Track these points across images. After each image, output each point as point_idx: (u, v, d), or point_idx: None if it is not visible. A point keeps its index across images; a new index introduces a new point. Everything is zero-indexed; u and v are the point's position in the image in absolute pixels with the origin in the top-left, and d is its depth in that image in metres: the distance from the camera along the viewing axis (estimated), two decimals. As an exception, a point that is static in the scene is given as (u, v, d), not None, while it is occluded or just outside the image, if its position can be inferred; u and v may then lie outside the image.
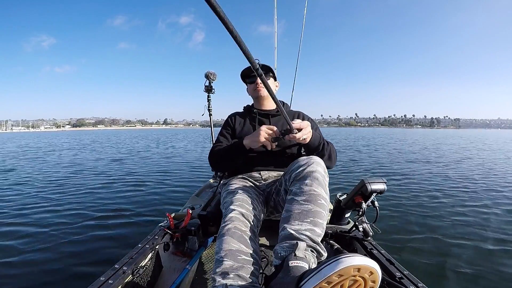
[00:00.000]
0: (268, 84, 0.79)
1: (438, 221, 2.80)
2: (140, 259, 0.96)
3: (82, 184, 4.48)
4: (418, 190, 4.16)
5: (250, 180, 1.24)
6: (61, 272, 1.79)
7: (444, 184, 4.65)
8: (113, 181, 4.66)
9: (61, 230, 2.46)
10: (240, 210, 0.94)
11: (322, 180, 0.92)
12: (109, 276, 0.82)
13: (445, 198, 3.72)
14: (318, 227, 0.82)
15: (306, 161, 0.97)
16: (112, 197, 3.61)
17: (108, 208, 3.09)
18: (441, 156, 9.27)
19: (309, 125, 1.08)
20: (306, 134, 1.05)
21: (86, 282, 0.80)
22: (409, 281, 0.86)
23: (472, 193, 3.99)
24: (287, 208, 0.89)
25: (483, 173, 5.78)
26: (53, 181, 4.77)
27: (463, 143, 16.68)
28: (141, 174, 5.38)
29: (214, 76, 2.28)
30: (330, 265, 0.58)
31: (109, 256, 1.98)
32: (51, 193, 3.85)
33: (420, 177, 5.23)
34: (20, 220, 2.72)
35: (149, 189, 4.04)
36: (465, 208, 3.24)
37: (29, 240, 2.25)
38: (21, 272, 1.79)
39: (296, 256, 0.73)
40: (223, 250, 0.80)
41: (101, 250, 2.08)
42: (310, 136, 1.09)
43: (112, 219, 2.72)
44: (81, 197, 3.61)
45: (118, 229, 2.49)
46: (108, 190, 4.04)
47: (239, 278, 0.73)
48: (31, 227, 2.53)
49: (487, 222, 2.77)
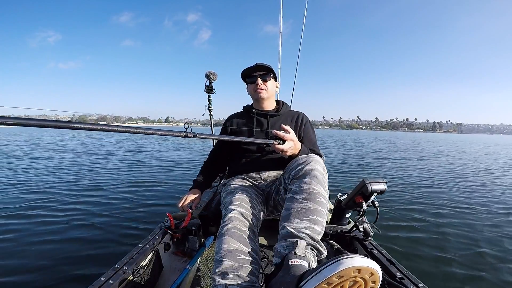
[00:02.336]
0: None
1: (439, 221, 2.80)
2: (141, 259, 0.96)
3: (80, 182, 4.48)
4: (419, 190, 4.16)
5: (249, 180, 1.24)
6: (61, 272, 1.79)
7: (444, 184, 4.65)
8: (113, 181, 4.67)
9: (61, 229, 2.46)
10: (240, 210, 0.94)
11: (321, 178, 0.92)
12: (110, 276, 0.82)
13: (446, 198, 3.71)
14: (317, 225, 0.82)
15: (305, 160, 0.97)
16: (112, 196, 3.62)
17: (108, 208, 3.09)
18: (440, 157, 9.27)
19: (293, 140, 1.07)
20: (286, 148, 1.04)
21: (86, 282, 0.80)
22: (410, 281, 0.86)
23: (474, 193, 3.98)
24: (287, 206, 0.89)
25: (485, 175, 5.77)
26: (52, 180, 4.78)
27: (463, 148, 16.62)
28: (142, 174, 5.39)
29: (214, 76, 2.28)
30: (330, 266, 0.57)
31: (110, 256, 1.98)
32: (50, 192, 3.86)
33: (421, 178, 5.23)
34: (19, 216, 2.72)
35: (149, 189, 4.04)
36: (466, 209, 3.24)
37: (29, 239, 2.25)
38: (20, 271, 1.79)
39: (296, 254, 0.73)
40: (222, 250, 0.80)
41: (102, 250, 2.08)
42: (292, 150, 1.07)
43: (112, 219, 2.72)
44: (80, 196, 3.61)
45: (119, 229, 2.49)
46: (108, 189, 4.05)
47: (238, 278, 0.73)
48: (30, 225, 2.53)
49: (489, 222, 2.77)
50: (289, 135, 1.05)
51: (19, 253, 2.04)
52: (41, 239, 2.27)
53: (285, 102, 1.47)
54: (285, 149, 1.04)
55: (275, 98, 1.47)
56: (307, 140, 1.33)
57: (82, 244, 2.17)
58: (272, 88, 1.37)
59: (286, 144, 1.04)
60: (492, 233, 2.49)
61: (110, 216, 2.83)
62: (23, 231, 2.45)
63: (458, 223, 2.75)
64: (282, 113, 1.37)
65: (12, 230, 2.46)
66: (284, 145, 1.04)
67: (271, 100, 1.41)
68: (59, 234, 2.36)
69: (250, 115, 1.38)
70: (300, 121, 1.37)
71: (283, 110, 1.38)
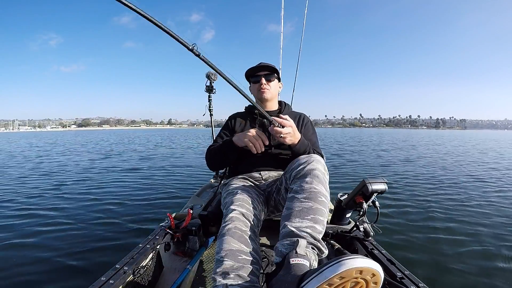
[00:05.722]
0: None
1: (440, 221, 2.80)
2: (141, 259, 0.96)
3: (81, 183, 4.49)
4: (419, 189, 4.15)
5: (250, 180, 1.24)
6: (62, 271, 1.79)
7: (446, 183, 4.64)
8: (113, 181, 4.67)
9: (62, 230, 2.46)
10: (241, 210, 0.94)
11: (322, 177, 0.92)
12: (110, 276, 0.82)
13: (447, 198, 3.71)
14: (318, 224, 0.82)
15: (306, 159, 0.97)
16: (113, 197, 3.62)
17: (109, 208, 3.09)
18: (442, 155, 9.27)
19: (292, 127, 1.07)
20: (285, 133, 1.05)
21: (87, 282, 0.80)
22: (410, 281, 0.86)
23: (475, 193, 3.98)
24: (288, 205, 0.89)
25: (486, 174, 5.76)
26: (52, 181, 4.78)
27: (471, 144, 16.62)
28: (142, 174, 5.39)
29: (215, 76, 2.30)
30: (331, 267, 0.57)
31: (110, 256, 1.98)
32: (50, 194, 3.86)
33: (421, 177, 5.22)
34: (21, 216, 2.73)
35: (150, 189, 4.04)
36: (467, 208, 3.23)
37: (28, 239, 2.25)
38: (19, 271, 1.79)
39: (297, 253, 0.73)
40: (223, 250, 0.80)
41: (102, 250, 2.08)
42: (291, 137, 1.08)
43: (113, 219, 2.72)
44: (79, 197, 3.61)
45: (119, 229, 2.49)
46: (108, 190, 4.05)
47: (239, 278, 0.73)
48: (31, 226, 2.53)
49: (490, 223, 2.76)
50: (288, 122, 1.06)
51: (18, 251, 2.04)
52: (39, 238, 2.28)
53: (287, 103, 1.47)
54: (284, 133, 1.04)
55: (277, 99, 1.47)
56: (308, 140, 1.33)
57: (82, 244, 2.17)
58: (276, 89, 1.38)
59: (285, 129, 1.04)
60: (497, 234, 2.48)
61: (110, 216, 2.83)
62: (19, 230, 2.45)
63: (460, 223, 2.75)
64: (284, 114, 1.37)
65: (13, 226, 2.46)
66: (284, 129, 1.04)
67: (274, 101, 1.42)
68: (59, 234, 2.36)
69: (253, 115, 1.38)
70: (301, 122, 1.37)
71: (285, 111, 1.39)
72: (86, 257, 1.96)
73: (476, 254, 2.11)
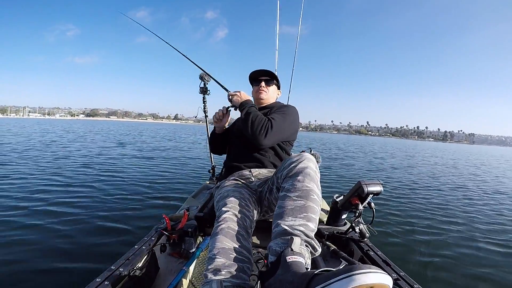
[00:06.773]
0: None
1: (435, 222, 2.83)
2: (137, 261, 0.95)
3: (75, 183, 4.43)
4: (415, 192, 4.19)
5: (241, 180, 1.26)
6: (56, 273, 1.76)
7: (441, 186, 4.69)
8: (110, 181, 4.62)
9: (56, 231, 2.43)
10: (233, 211, 0.95)
11: (314, 175, 0.92)
12: (105, 277, 0.82)
13: (442, 199, 3.75)
14: (311, 222, 0.83)
15: (298, 158, 0.98)
16: (107, 198, 3.58)
17: (104, 209, 3.05)
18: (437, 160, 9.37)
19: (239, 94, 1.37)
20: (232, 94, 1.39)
21: (82, 284, 0.80)
22: (405, 282, 0.87)
23: (470, 195, 4.03)
24: (280, 204, 0.89)
25: (480, 179, 5.84)
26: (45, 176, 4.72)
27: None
28: (139, 175, 5.35)
29: (208, 77, 2.33)
30: (341, 281, 0.53)
31: (105, 257, 1.96)
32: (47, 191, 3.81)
33: (417, 180, 5.27)
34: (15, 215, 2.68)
35: (145, 191, 4.01)
36: (463, 210, 3.27)
37: (24, 238, 2.21)
38: (16, 270, 1.76)
39: (292, 251, 0.72)
40: (216, 248, 0.80)
41: (97, 251, 2.06)
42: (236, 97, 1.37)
43: (108, 220, 2.69)
44: (75, 197, 3.57)
45: (114, 230, 2.46)
46: (103, 190, 4.00)
47: (230, 275, 0.73)
48: (25, 227, 2.49)
49: (485, 225, 2.80)
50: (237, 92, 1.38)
51: (14, 250, 2.01)
52: (36, 237, 2.24)
53: (281, 103, 1.54)
54: (231, 93, 1.40)
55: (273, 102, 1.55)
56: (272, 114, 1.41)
57: (77, 245, 2.14)
58: (273, 94, 1.51)
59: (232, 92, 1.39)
60: (491, 236, 2.51)
61: (105, 217, 2.80)
62: (18, 229, 2.41)
63: (455, 224, 2.78)
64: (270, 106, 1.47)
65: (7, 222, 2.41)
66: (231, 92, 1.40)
67: (270, 104, 1.50)
68: (54, 235, 2.33)
69: None
70: (282, 107, 1.43)
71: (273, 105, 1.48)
72: (80, 259, 1.93)
73: (472, 256, 2.14)
